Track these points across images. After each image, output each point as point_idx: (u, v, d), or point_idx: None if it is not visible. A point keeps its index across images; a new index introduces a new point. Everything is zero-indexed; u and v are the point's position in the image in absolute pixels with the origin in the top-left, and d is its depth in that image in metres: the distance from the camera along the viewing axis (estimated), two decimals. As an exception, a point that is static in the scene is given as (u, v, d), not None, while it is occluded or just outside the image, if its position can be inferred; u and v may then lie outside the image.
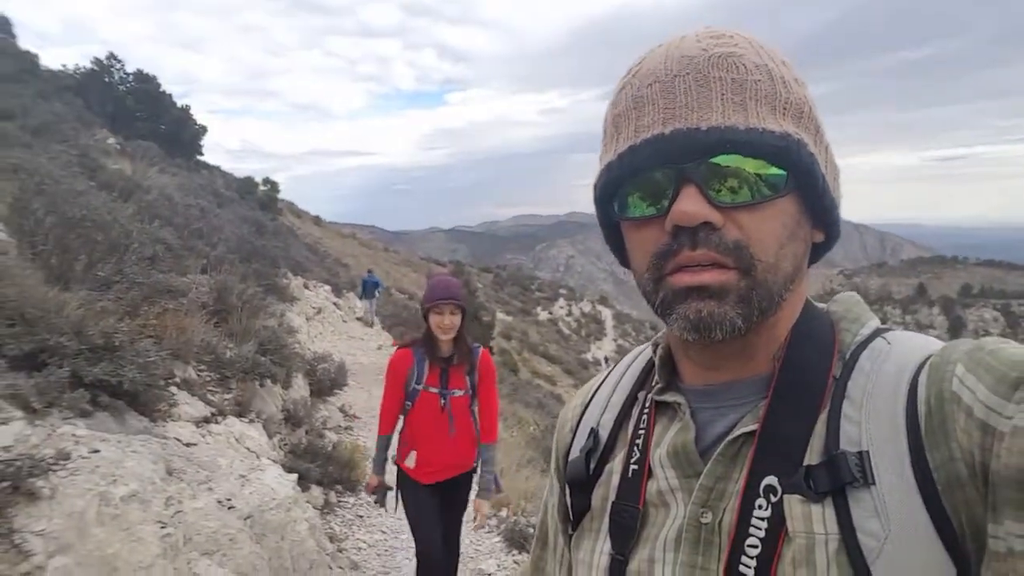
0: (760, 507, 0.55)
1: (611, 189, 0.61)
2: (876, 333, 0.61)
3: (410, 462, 3.10)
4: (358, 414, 7.81)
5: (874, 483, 0.51)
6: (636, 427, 0.70)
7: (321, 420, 6.37)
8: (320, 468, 5.03)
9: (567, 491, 0.75)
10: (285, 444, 5.15)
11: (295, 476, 3.89)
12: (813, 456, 0.54)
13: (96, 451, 2.75)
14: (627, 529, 0.65)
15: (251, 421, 4.65)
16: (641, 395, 0.72)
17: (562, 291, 49.79)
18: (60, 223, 4.35)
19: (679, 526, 0.60)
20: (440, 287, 2.96)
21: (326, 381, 7.61)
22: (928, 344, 0.57)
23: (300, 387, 6.56)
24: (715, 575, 0.56)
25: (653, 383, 0.70)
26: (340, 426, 7.02)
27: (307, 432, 5.69)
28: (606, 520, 0.68)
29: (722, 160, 0.54)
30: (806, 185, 0.57)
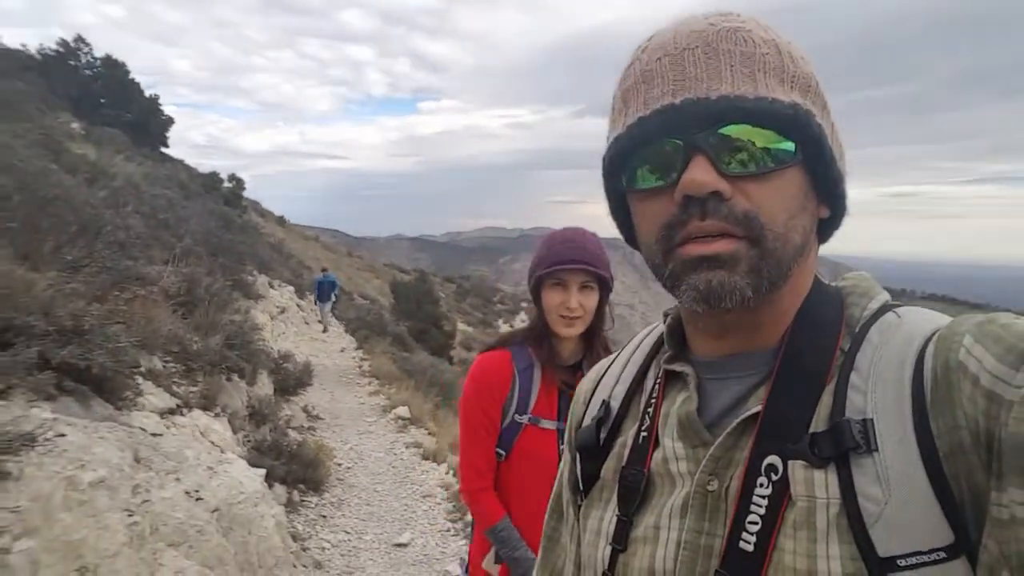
0: (762, 484, 0.56)
1: (619, 162, 0.61)
2: (885, 307, 0.61)
3: (491, 565, 1.78)
4: (321, 415, 7.73)
5: (877, 449, 0.51)
6: (648, 397, 0.71)
7: (285, 418, 6.27)
8: (284, 466, 4.96)
9: (577, 460, 0.75)
10: (249, 440, 5.06)
11: (263, 471, 3.82)
12: (819, 424, 0.55)
13: (63, 435, 2.67)
14: (632, 492, 0.66)
15: (216, 415, 4.56)
16: (653, 367, 0.74)
17: (523, 304, 49.94)
18: (29, 202, 4.22)
19: (686, 494, 0.61)
20: (565, 243, 1.72)
21: (291, 380, 7.50)
22: (938, 318, 0.57)
23: (265, 384, 6.45)
24: (721, 540, 0.57)
25: (663, 353, 0.71)
26: (303, 426, 6.92)
27: (271, 430, 5.59)
28: (616, 490, 0.68)
29: (731, 130, 0.54)
30: (814, 157, 0.57)
